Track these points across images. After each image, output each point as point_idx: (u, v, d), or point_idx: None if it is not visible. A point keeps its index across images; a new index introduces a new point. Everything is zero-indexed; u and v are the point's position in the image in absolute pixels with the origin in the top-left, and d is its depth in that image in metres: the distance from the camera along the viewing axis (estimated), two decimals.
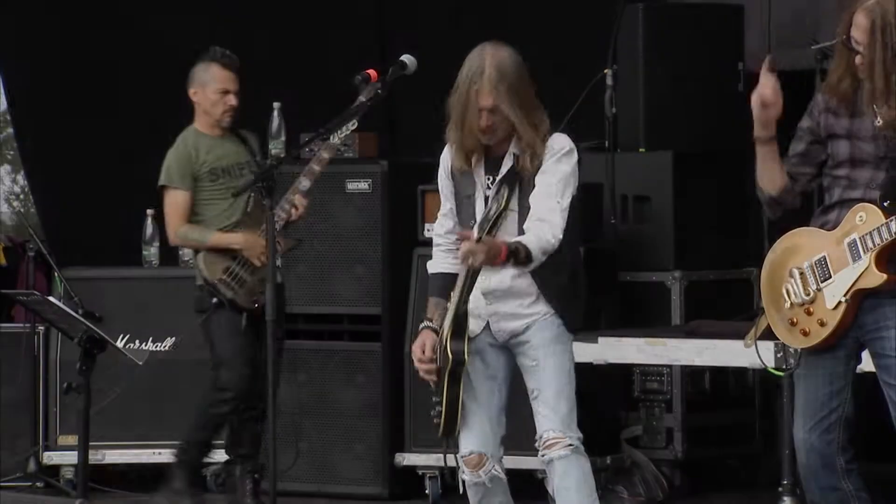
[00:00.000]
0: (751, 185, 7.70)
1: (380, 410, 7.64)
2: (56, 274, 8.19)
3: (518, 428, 7.06)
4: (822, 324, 4.99)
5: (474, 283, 5.34)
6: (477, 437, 5.47)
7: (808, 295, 5.03)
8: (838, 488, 5.06)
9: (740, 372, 7.67)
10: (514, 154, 5.45)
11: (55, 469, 8.05)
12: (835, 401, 5.04)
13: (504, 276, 5.38)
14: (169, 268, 8.26)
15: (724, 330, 7.05)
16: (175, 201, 7.21)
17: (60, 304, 6.48)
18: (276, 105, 7.80)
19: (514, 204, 5.38)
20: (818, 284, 5.02)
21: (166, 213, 7.25)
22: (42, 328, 8.05)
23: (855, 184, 5.04)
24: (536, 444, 5.53)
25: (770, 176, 5.16)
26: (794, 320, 5.05)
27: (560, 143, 5.44)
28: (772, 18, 7.61)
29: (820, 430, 5.03)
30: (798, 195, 5.16)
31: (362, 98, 6.18)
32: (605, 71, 7.76)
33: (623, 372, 7.70)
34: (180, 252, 8.20)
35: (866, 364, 5.17)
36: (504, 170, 5.44)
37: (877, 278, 4.92)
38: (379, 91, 6.28)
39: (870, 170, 5.03)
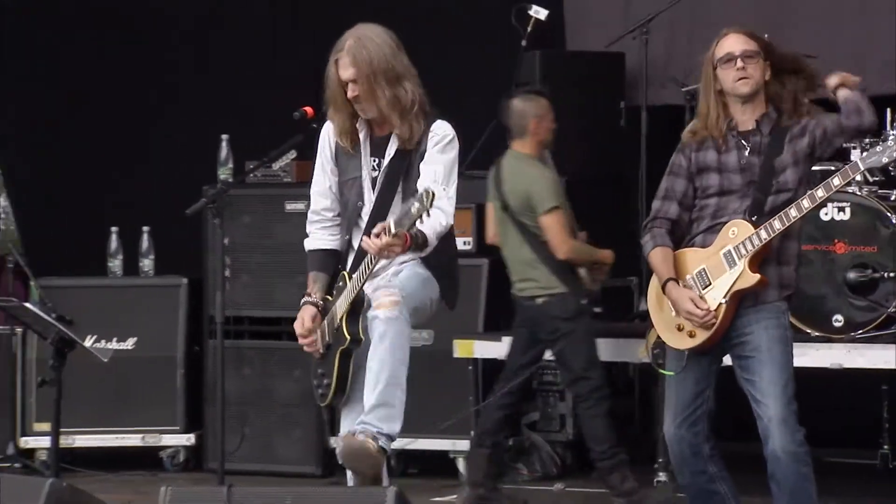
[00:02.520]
0: (631, 204, 7.80)
1: (314, 401, 7.53)
2: (32, 283, 8.18)
3: (432, 410, 7.28)
4: (706, 325, 4.98)
5: (374, 267, 4.89)
6: (356, 412, 4.96)
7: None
8: (705, 471, 5.09)
9: (623, 366, 7.66)
10: (397, 135, 4.97)
11: (31, 452, 8.00)
12: (700, 399, 5.07)
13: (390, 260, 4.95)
14: (130, 277, 8.23)
15: (609, 330, 7.09)
16: (562, 219, 6.71)
17: (36, 310, 6.34)
18: (224, 137, 7.78)
19: (400, 187, 4.91)
20: (700, 291, 5.00)
21: (557, 232, 6.69)
22: (20, 330, 8.01)
23: (724, 211, 5.05)
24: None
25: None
26: (681, 325, 5.06)
27: (443, 130, 4.96)
28: (647, 63, 7.62)
29: (688, 424, 5.06)
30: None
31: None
32: None
33: None
34: (140, 264, 8.19)
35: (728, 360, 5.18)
36: (391, 150, 4.94)
37: (751, 279, 4.95)
38: (314, 126, 6.21)
39: (737, 199, 5.04)
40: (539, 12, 7.75)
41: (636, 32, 7.57)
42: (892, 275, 6.61)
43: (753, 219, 4.98)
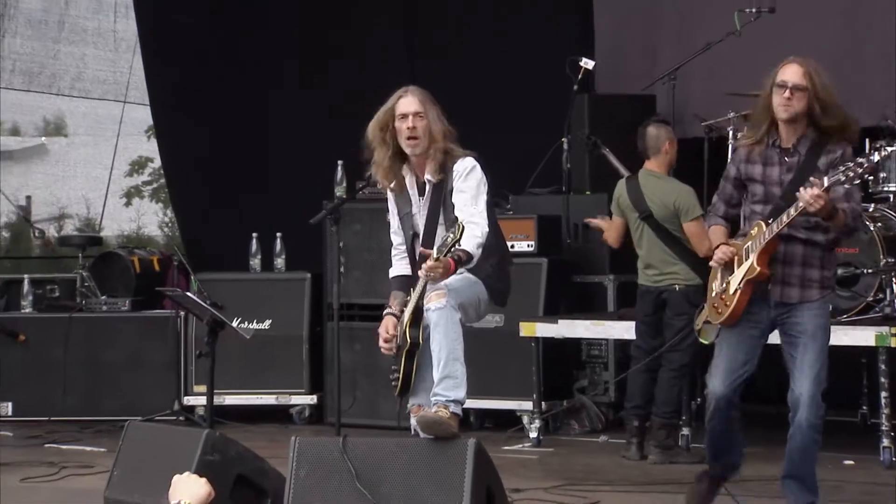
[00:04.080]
0: None
1: None
2: (192, 277, 8.44)
3: (503, 377, 7.61)
4: (727, 304, 5.19)
5: (426, 285, 5.09)
6: (421, 394, 5.16)
7: (722, 286, 5.24)
8: (730, 417, 5.31)
9: None
10: (428, 180, 5.16)
11: (191, 409, 8.32)
12: (747, 365, 5.22)
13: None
14: (267, 272, 8.47)
15: None
16: (703, 225, 6.48)
17: (195, 298, 6.39)
18: (339, 162, 7.96)
19: (441, 218, 5.11)
20: (728, 278, 5.23)
21: (701, 235, 6.55)
22: (182, 314, 8.27)
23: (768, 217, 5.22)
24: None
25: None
26: (715, 305, 5.28)
27: (464, 164, 5.09)
28: (675, 103, 7.80)
29: (733, 385, 5.23)
30: None
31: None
32: (562, 139, 7.98)
33: (575, 343, 7.97)
34: (274, 262, 8.44)
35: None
36: (429, 189, 5.14)
37: (754, 271, 5.11)
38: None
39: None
40: (588, 63, 7.91)
41: (665, 79, 7.76)
42: (869, 271, 6.80)
43: (770, 221, 5.10)
